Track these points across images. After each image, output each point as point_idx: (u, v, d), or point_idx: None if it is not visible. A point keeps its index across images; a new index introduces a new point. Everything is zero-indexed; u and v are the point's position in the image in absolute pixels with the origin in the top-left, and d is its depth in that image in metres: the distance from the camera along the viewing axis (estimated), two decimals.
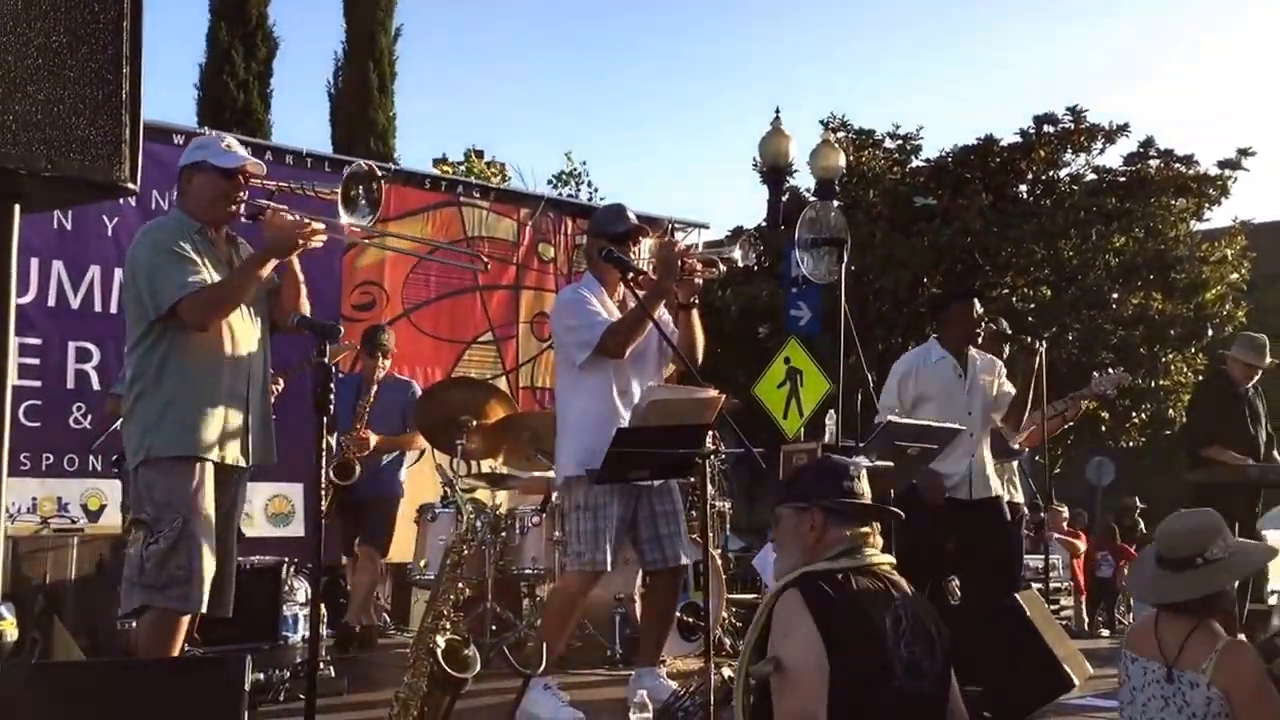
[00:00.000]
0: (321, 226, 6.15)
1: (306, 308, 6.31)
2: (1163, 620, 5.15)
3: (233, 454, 6.03)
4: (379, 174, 6.33)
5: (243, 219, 6.24)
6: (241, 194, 6.14)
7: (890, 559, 4.58)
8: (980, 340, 8.86)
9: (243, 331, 6.10)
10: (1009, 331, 9.43)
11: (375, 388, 9.85)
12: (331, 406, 5.17)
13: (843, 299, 8.11)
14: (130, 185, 3.51)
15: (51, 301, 10.31)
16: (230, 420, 6.01)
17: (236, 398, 6.05)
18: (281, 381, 8.56)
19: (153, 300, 5.86)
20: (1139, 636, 5.29)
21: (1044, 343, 9.04)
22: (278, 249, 6.08)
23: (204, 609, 5.86)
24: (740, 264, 7.31)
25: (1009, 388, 8.91)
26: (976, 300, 8.90)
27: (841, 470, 4.68)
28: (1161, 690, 5.03)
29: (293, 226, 6.05)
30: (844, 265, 8.33)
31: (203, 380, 5.92)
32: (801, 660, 4.16)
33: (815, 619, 4.19)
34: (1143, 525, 20.07)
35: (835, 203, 19.36)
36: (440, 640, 5.35)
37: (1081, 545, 16.80)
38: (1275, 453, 10.62)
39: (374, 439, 9.63)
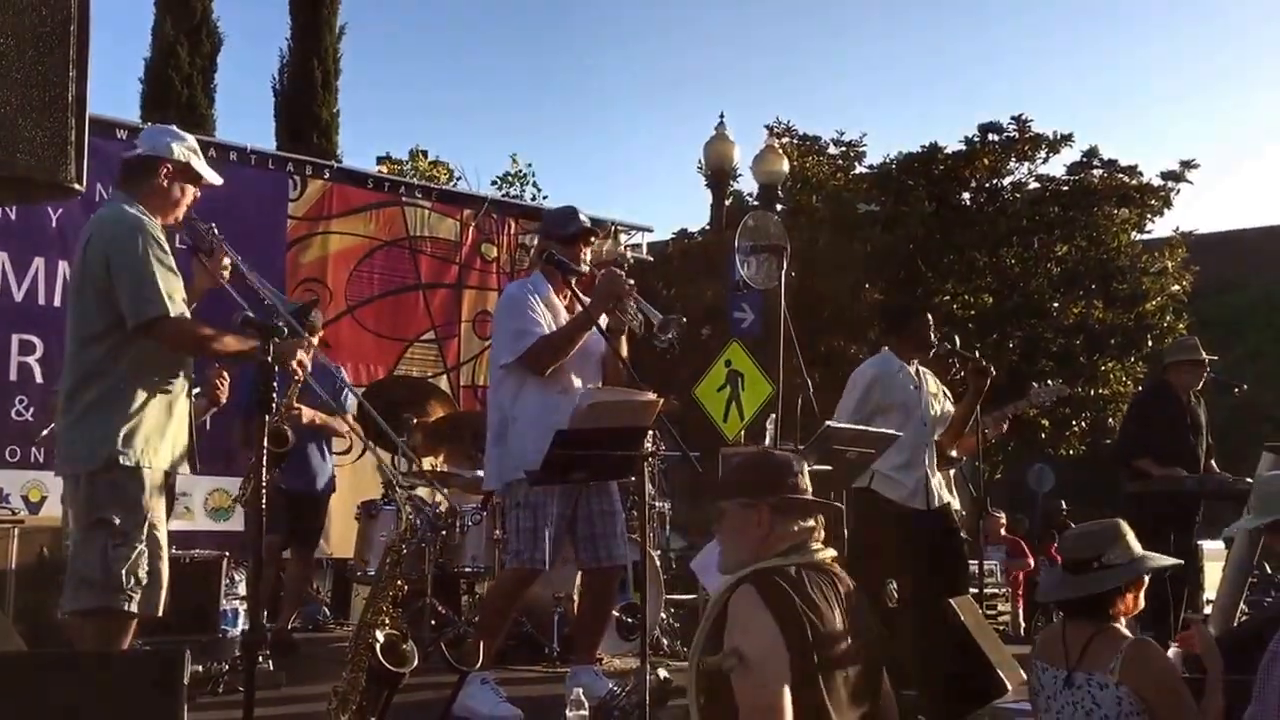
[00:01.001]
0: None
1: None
2: (1069, 626, 5.31)
3: (179, 462, 6.09)
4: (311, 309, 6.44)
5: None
6: (188, 194, 6.22)
7: (833, 553, 4.67)
8: (932, 355, 9.02)
9: None
10: (958, 348, 9.49)
11: (309, 363, 9.58)
12: (274, 402, 5.21)
13: (783, 305, 8.20)
14: (76, 186, 3.54)
15: None
16: (179, 430, 6.06)
17: (187, 404, 6.11)
18: (227, 375, 8.55)
19: (135, 305, 5.81)
20: (1046, 644, 5.45)
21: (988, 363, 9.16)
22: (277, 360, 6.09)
23: (160, 612, 5.90)
24: (657, 334, 7.32)
25: (950, 407, 9.08)
26: (931, 316, 9.07)
27: (786, 466, 4.74)
28: (1072, 696, 5.14)
29: (294, 351, 6.19)
30: (784, 272, 8.42)
31: (166, 391, 5.96)
32: (764, 652, 4.21)
33: (773, 613, 4.25)
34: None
35: (779, 207, 19.57)
36: (379, 635, 5.40)
37: (1030, 562, 16.92)
38: (1214, 463, 10.71)
39: (307, 412, 9.46)
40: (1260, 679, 4.04)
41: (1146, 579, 5.40)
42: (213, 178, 6.22)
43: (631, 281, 7.26)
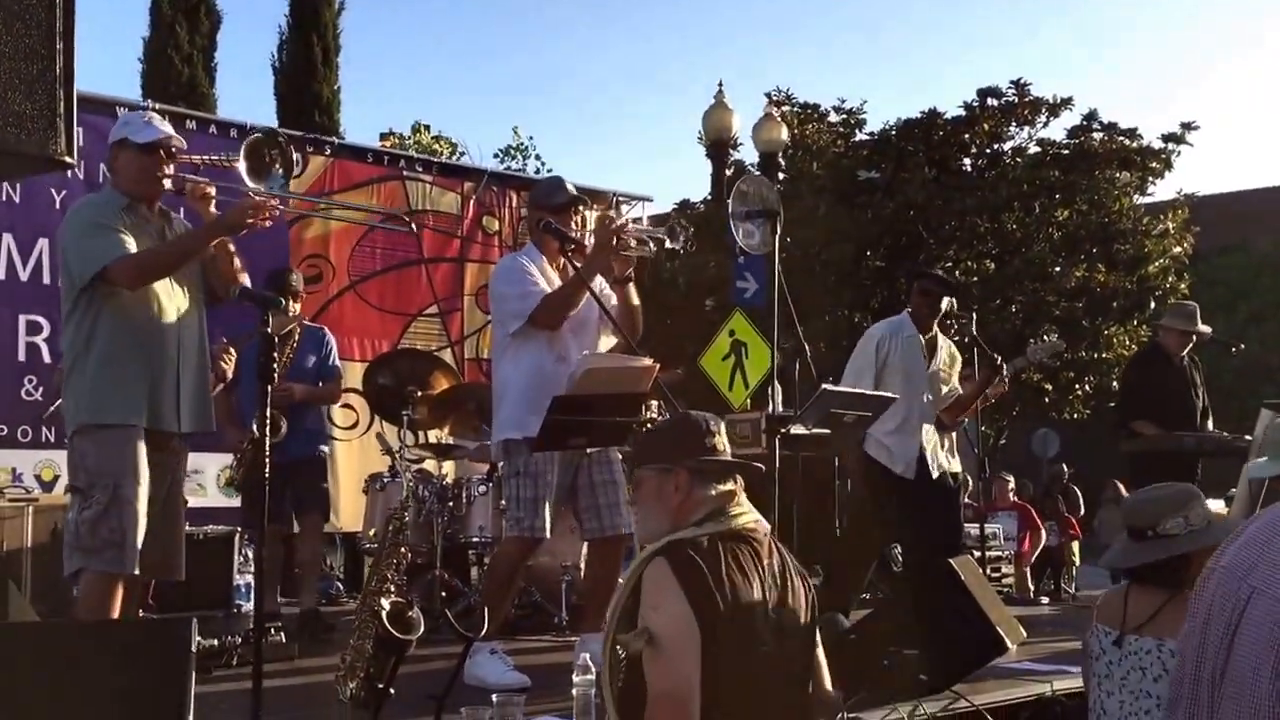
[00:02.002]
0: (275, 203, 6.20)
1: (245, 279, 6.39)
2: (1132, 591, 5.24)
3: (168, 420, 6.14)
4: (279, 136, 6.39)
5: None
6: (165, 168, 6.21)
7: (756, 515, 4.52)
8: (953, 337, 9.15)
9: (169, 300, 6.17)
10: (979, 339, 9.56)
11: (297, 333, 9.42)
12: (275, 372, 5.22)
13: (777, 268, 8.20)
14: (67, 158, 3.56)
15: (1, 274, 10.37)
16: (161, 387, 6.11)
17: (168, 365, 6.13)
18: (234, 351, 8.57)
19: (79, 270, 5.97)
20: (1107, 607, 5.37)
21: (1004, 363, 9.25)
22: (227, 224, 6.15)
23: (136, 570, 5.95)
24: (668, 246, 7.39)
25: (958, 388, 9.17)
26: (952, 299, 9.15)
27: (702, 428, 4.59)
28: (1139, 661, 5.16)
29: (250, 206, 6.10)
30: (777, 236, 8.43)
31: (129, 349, 6.02)
32: (674, 632, 4.10)
33: (685, 590, 4.13)
34: (1079, 493, 20.32)
35: (780, 175, 19.57)
36: (385, 603, 5.45)
37: (1042, 534, 16.92)
38: (1210, 423, 10.76)
39: (298, 389, 9.24)
40: (1194, 595, 4.01)
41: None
42: (143, 136, 6.22)
43: (623, 219, 7.29)
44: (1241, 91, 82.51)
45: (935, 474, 8.91)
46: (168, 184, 6.23)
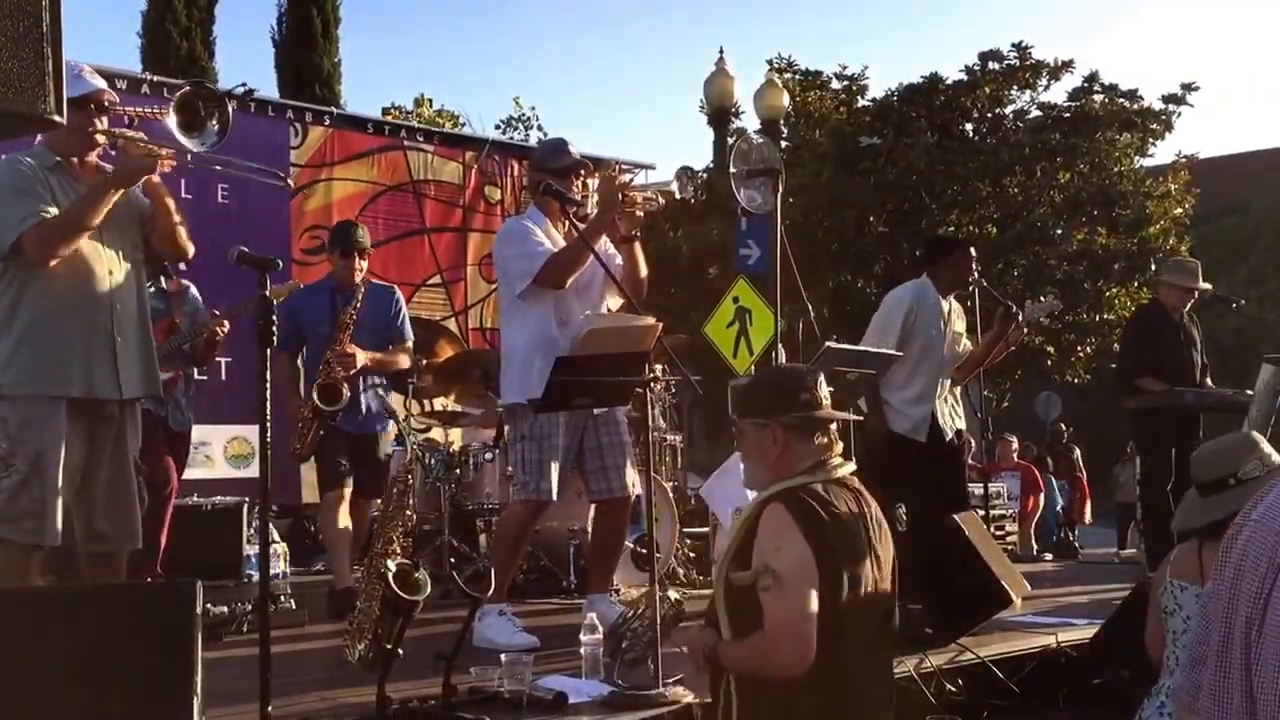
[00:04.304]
0: (169, 152, 5.94)
1: (186, 240, 6.24)
2: (1206, 547, 5.13)
3: (103, 387, 5.96)
4: (215, 92, 6.25)
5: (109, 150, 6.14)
6: (96, 122, 5.98)
7: (852, 466, 4.64)
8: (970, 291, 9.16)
9: (99, 264, 5.99)
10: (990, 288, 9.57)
11: (362, 291, 8.64)
12: (275, 336, 5.16)
13: (779, 225, 8.20)
14: (56, 118, 3.49)
15: None
16: (91, 354, 5.93)
17: (98, 331, 5.95)
18: (227, 324, 8.53)
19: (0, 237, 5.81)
20: (1181, 564, 5.32)
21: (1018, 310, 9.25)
22: (122, 177, 5.90)
23: (59, 542, 5.82)
24: (678, 197, 7.40)
25: (968, 346, 9.19)
26: (973, 251, 9.17)
27: (797, 382, 4.69)
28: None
29: (138, 153, 5.91)
30: (779, 194, 8.43)
31: (54, 316, 5.86)
32: (796, 571, 4.21)
33: (804, 533, 4.24)
34: (1078, 452, 20.35)
35: (783, 144, 19.54)
36: (391, 565, 5.47)
37: (1043, 496, 16.95)
38: (1210, 379, 10.77)
39: (362, 355, 8.52)
40: (1223, 551, 3.95)
41: None
42: (74, 89, 5.73)
43: (628, 177, 7.27)
44: (1242, 53, 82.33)
45: (948, 435, 8.94)
46: (100, 139, 6.03)
